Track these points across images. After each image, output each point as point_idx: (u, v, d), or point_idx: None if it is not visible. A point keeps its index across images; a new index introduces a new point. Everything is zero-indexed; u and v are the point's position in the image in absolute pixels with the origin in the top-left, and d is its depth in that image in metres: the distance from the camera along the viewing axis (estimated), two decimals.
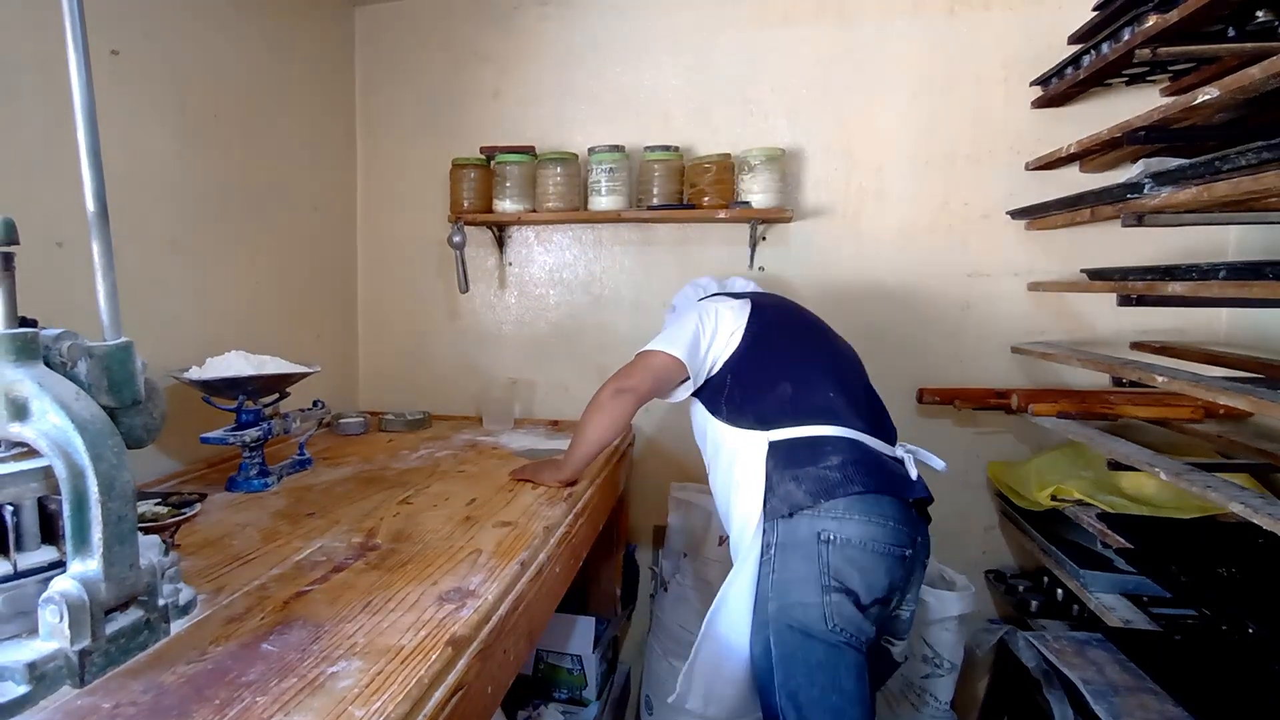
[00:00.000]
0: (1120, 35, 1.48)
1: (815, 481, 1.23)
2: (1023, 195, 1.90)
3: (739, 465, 1.33)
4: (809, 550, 1.20)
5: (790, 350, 1.47)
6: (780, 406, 1.36)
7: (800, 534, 1.21)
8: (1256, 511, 1.08)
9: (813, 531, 1.20)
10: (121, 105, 1.46)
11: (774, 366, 1.43)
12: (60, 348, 0.80)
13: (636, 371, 1.41)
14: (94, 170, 0.79)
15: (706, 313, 1.46)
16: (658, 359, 1.40)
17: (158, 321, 1.57)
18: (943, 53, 1.94)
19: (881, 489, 1.24)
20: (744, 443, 1.34)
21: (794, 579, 1.20)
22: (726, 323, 1.45)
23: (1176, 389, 1.30)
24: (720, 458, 1.40)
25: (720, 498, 1.43)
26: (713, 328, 1.44)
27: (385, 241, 2.38)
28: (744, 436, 1.35)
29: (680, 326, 1.44)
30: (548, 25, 2.19)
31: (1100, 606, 1.49)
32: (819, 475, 1.24)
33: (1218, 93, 1.15)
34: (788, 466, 1.27)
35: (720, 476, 1.41)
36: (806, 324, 1.54)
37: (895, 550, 1.22)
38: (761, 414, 1.36)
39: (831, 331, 1.55)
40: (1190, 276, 1.31)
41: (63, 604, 0.70)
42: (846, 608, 1.19)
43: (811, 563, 1.20)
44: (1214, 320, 1.87)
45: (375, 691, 0.74)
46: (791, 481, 1.25)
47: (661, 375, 1.41)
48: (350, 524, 1.27)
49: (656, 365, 1.40)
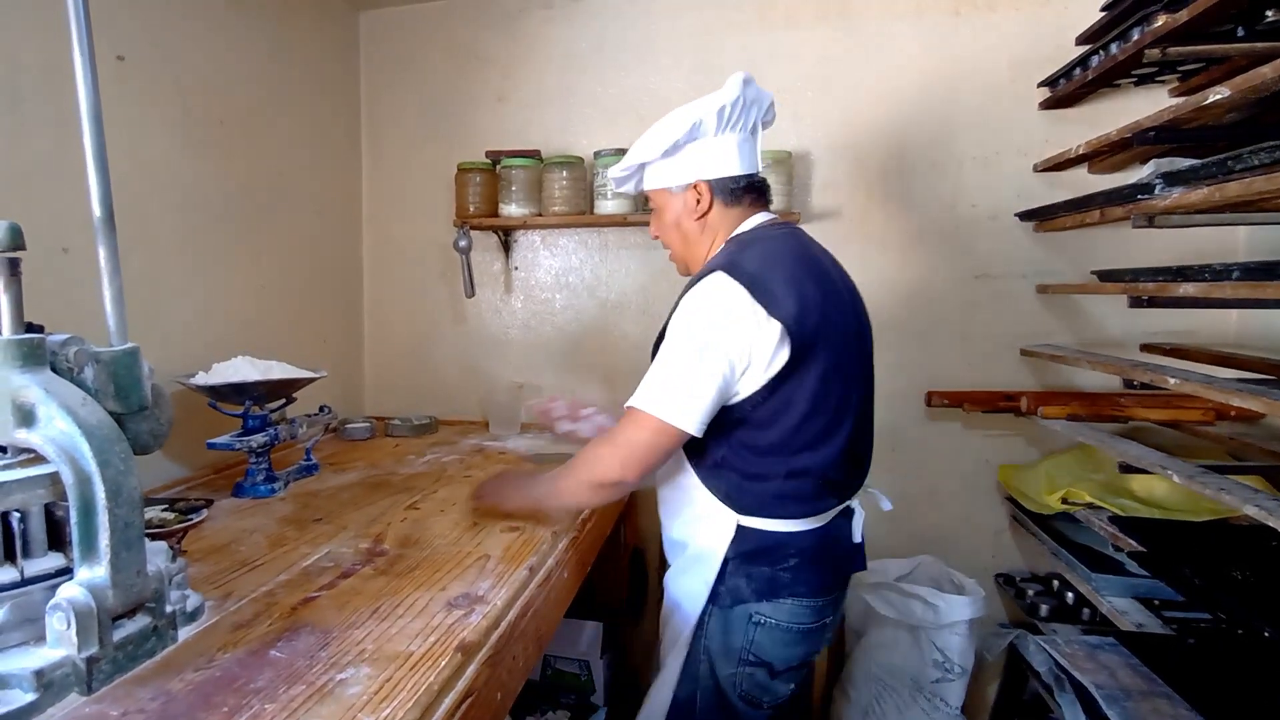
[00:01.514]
0: (1129, 35, 1.48)
1: (766, 582, 1.17)
2: (1031, 197, 1.89)
3: (699, 531, 1.20)
4: (739, 627, 1.18)
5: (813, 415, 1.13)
6: (765, 492, 1.16)
7: (734, 616, 1.18)
8: (1271, 514, 1.07)
9: (746, 614, 1.17)
10: (126, 110, 1.47)
11: (783, 428, 1.13)
12: (67, 353, 0.80)
13: (632, 459, 1.10)
14: (100, 175, 0.79)
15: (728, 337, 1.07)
16: (664, 433, 1.08)
17: (163, 327, 1.57)
18: (948, 54, 1.93)
19: (824, 589, 1.20)
20: (710, 511, 1.18)
21: (717, 649, 1.19)
22: (762, 357, 1.08)
23: (1188, 391, 1.29)
24: (681, 507, 1.24)
25: (668, 533, 1.29)
26: (731, 370, 1.08)
27: (390, 246, 2.38)
28: (712, 505, 1.18)
29: (699, 366, 1.07)
30: (552, 29, 2.19)
31: (1112, 610, 1.47)
32: (771, 576, 1.17)
33: (1229, 92, 1.14)
34: (745, 562, 1.17)
35: (675, 521, 1.26)
36: (851, 354, 1.21)
37: (819, 625, 1.21)
38: (737, 492, 1.16)
39: (868, 338, 1.32)
40: (1203, 277, 1.29)
41: (70, 611, 0.70)
42: (760, 676, 1.19)
43: (737, 637, 1.18)
44: (1223, 322, 1.85)
45: (384, 698, 0.73)
46: (743, 578, 1.17)
47: (660, 454, 1.11)
48: (357, 529, 1.26)
49: (663, 442, 1.09)
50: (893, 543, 2.05)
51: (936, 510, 2.05)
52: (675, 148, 1.19)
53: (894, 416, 2.05)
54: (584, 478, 1.15)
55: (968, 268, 1.98)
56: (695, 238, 1.25)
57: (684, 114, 1.18)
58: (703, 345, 1.07)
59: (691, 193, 1.22)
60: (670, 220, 1.26)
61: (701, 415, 1.07)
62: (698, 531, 1.20)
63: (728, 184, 1.22)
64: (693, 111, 1.17)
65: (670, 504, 1.27)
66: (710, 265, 1.14)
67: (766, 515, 1.16)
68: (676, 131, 1.17)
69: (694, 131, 1.17)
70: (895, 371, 2.04)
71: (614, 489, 1.14)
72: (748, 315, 1.07)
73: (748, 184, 1.23)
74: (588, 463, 1.14)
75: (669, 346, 1.11)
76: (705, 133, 1.18)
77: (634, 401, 1.11)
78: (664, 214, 1.27)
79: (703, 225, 1.24)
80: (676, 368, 1.08)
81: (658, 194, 1.27)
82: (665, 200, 1.26)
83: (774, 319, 1.07)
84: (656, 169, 1.24)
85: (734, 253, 1.16)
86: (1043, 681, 1.50)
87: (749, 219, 1.24)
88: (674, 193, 1.24)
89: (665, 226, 1.28)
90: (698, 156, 1.20)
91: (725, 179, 1.21)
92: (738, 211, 1.24)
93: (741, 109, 1.19)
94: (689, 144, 1.19)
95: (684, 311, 1.12)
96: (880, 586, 1.85)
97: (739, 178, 1.22)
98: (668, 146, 1.19)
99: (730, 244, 1.21)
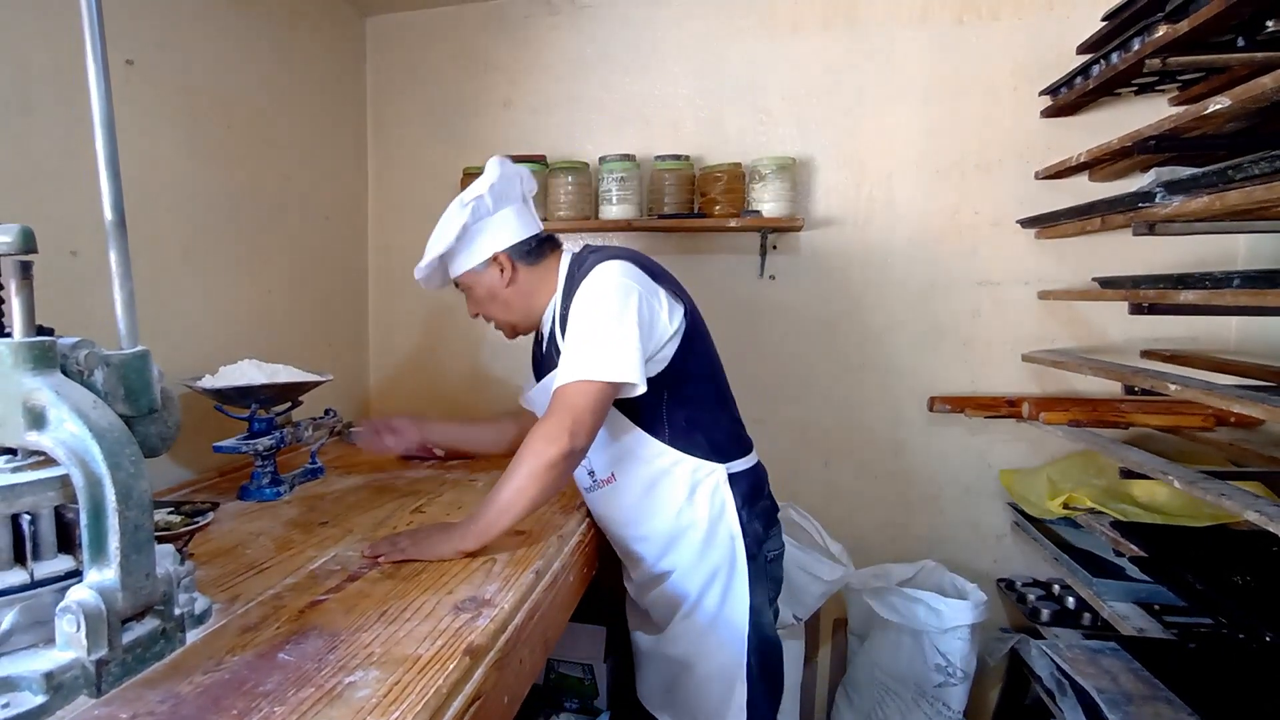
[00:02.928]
0: (1130, 45, 1.49)
1: (765, 515, 1.33)
2: (1033, 204, 1.90)
3: (698, 502, 1.27)
4: (762, 572, 1.31)
5: (712, 352, 1.38)
6: (731, 430, 1.34)
7: (758, 563, 1.30)
8: (1271, 520, 1.07)
9: (765, 556, 1.32)
10: (134, 114, 1.47)
11: (710, 377, 1.35)
12: (77, 356, 0.80)
13: (579, 424, 1.12)
14: (112, 180, 0.79)
15: (642, 301, 1.19)
16: (603, 394, 1.14)
17: (169, 330, 1.57)
18: (952, 62, 1.94)
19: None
20: (699, 478, 1.27)
21: (758, 604, 1.30)
22: (663, 317, 1.24)
23: (1189, 397, 1.29)
24: (666, 496, 1.28)
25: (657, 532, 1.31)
26: (651, 324, 1.21)
27: (396, 250, 2.39)
28: (699, 470, 1.27)
29: (619, 327, 1.16)
30: (558, 35, 2.20)
31: (1113, 615, 1.48)
32: (764, 508, 1.34)
33: (1229, 102, 1.15)
34: (749, 504, 1.30)
35: (664, 516, 1.29)
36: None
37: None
38: (714, 440, 1.29)
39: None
40: (1204, 285, 1.30)
41: (80, 613, 0.70)
42: (778, 610, 1.39)
43: (763, 583, 1.32)
44: (1224, 329, 1.86)
45: (393, 701, 0.74)
46: (756, 520, 1.30)
47: (604, 409, 1.17)
48: (363, 533, 1.26)
49: (603, 402, 1.15)
50: (895, 547, 2.06)
51: (939, 515, 2.05)
52: (465, 231, 1.30)
53: (896, 421, 2.05)
54: (534, 464, 1.11)
55: (970, 274, 1.99)
56: (517, 300, 1.37)
57: (461, 202, 1.30)
58: (620, 309, 1.17)
59: (494, 266, 1.33)
60: (484, 295, 1.37)
61: (636, 365, 1.14)
62: (696, 504, 1.28)
63: (522, 248, 1.34)
64: (468, 197, 1.29)
65: (650, 504, 1.31)
66: (586, 268, 1.25)
67: (739, 455, 1.32)
68: (462, 217, 1.29)
69: (476, 213, 1.29)
70: (898, 376, 2.05)
71: (567, 462, 1.12)
72: (646, 281, 1.23)
73: (538, 241, 1.36)
74: (532, 450, 1.12)
75: (586, 322, 1.18)
76: (486, 212, 1.31)
77: (570, 375, 1.14)
78: (476, 291, 1.38)
79: (517, 289, 1.35)
80: (601, 333, 1.16)
81: (466, 277, 1.37)
82: (474, 280, 1.36)
83: (660, 287, 1.26)
84: (456, 258, 1.35)
85: (598, 256, 1.27)
86: (1044, 686, 1.50)
87: (564, 257, 1.38)
88: (478, 271, 1.34)
89: (482, 302, 1.39)
90: (488, 235, 1.32)
91: (518, 245, 1.34)
92: (546, 263, 1.37)
93: (506, 184, 1.32)
94: (475, 225, 1.31)
95: (589, 292, 1.20)
96: (883, 591, 1.85)
97: (529, 241, 1.35)
98: (459, 233, 1.30)
99: (580, 261, 1.32)
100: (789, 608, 1.80)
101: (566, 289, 1.31)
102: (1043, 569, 1.94)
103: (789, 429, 2.10)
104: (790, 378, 2.10)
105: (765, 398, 2.09)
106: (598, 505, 1.39)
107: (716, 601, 1.29)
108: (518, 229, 1.34)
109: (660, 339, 1.24)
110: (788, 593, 1.78)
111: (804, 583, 1.76)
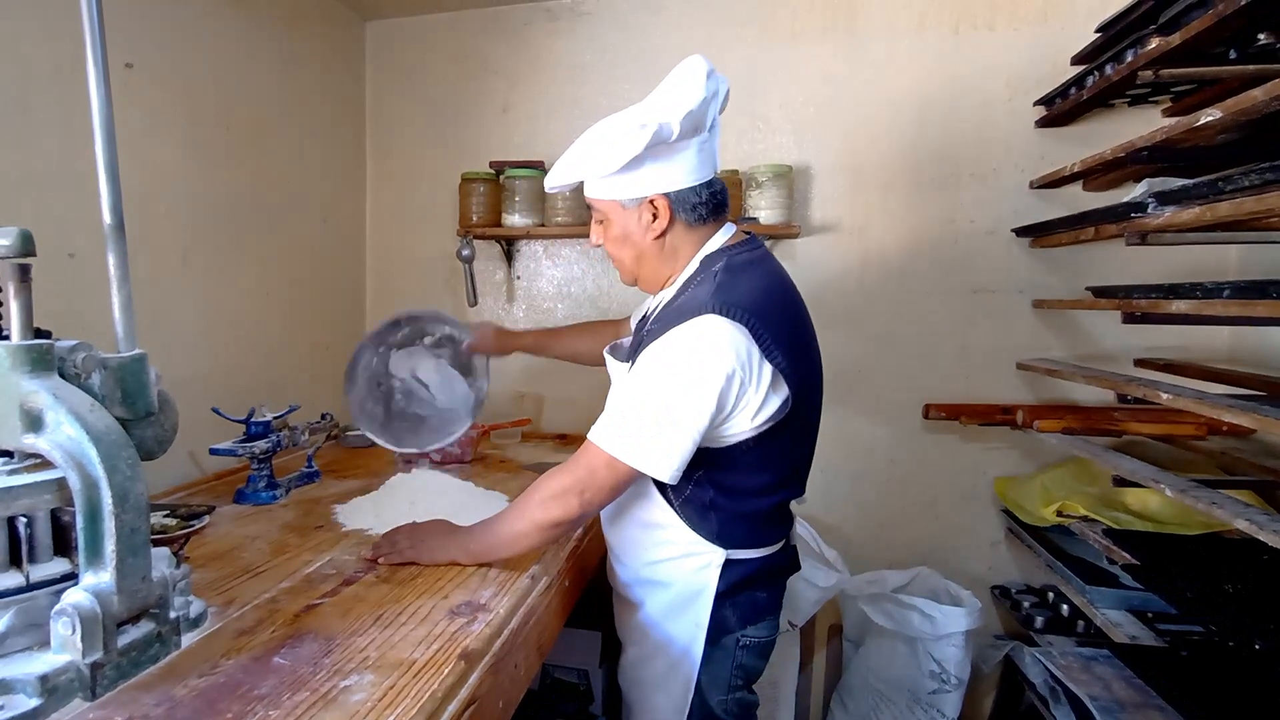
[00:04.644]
0: (1123, 57, 1.50)
1: (750, 608, 1.15)
2: (1027, 213, 1.91)
3: (684, 569, 1.13)
4: (727, 655, 1.16)
5: (797, 444, 1.15)
6: (755, 524, 1.13)
7: (722, 646, 1.15)
8: (1261, 528, 1.08)
9: (734, 641, 1.15)
10: (134, 118, 1.48)
11: (773, 468, 1.11)
12: (75, 359, 0.81)
13: (593, 495, 1.02)
14: (111, 183, 0.80)
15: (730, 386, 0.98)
16: (628, 476, 1.01)
17: (169, 332, 1.58)
18: (948, 71, 1.96)
19: (782, 597, 1.22)
20: (696, 550, 1.12)
21: (708, 682, 1.16)
22: (747, 408, 1.02)
23: (1181, 406, 1.30)
24: (655, 546, 1.16)
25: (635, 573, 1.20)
26: (726, 412, 1.01)
27: (394, 254, 2.40)
28: (699, 544, 1.11)
29: (682, 412, 0.98)
30: (558, 40, 2.21)
31: (1106, 622, 1.48)
32: (753, 600, 1.16)
33: (1220, 114, 1.16)
34: (733, 593, 1.13)
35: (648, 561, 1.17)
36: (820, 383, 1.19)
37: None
38: (727, 531, 1.11)
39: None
40: (1194, 295, 1.31)
41: (75, 616, 0.70)
42: (745, 695, 1.20)
43: (726, 665, 1.16)
44: (1216, 338, 1.88)
45: (388, 705, 0.74)
46: (730, 609, 1.13)
47: (624, 488, 1.05)
48: (359, 537, 1.26)
49: (624, 483, 1.03)
50: (890, 554, 2.06)
51: (934, 522, 2.06)
52: (634, 163, 1.02)
53: (892, 428, 2.06)
54: (539, 518, 1.04)
55: (965, 282, 2.00)
56: (652, 256, 1.13)
57: (642, 122, 1.00)
58: (692, 393, 0.97)
59: (647, 208, 1.08)
60: (618, 234, 1.12)
61: (678, 464, 0.99)
62: (682, 569, 1.13)
63: (689, 198, 1.08)
64: (652, 117, 1.00)
65: (642, 543, 1.18)
66: (699, 300, 1.02)
67: (753, 546, 1.13)
68: (636, 142, 0.99)
69: (655, 138, 0.99)
70: (893, 384, 2.05)
71: (571, 526, 1.07)
72: (753, 364, 0.99)
73: (710, 197, 1.10)
74: (542, 504, 1.04)
75: (650, 382, 1.01)
76: (665, 138, 1.01)
77: (605, 441, 1.01)
78: (610, 226, 1.13)
79: (660, 245, 1.11)
80: (659, 413, 0.98)
81: (604, 205, 1.12)
82: (614, 213, 1.11)
83: (768, 363, 1.00)
84: (602, 181, 1.08)
85: (722, 284, 1.04)
86: (1038, 693, 1.51)
87: (715, 235, 1.13)
88: (626, 207, 1.09)
89: (612, 239, 1.14)
90: (654, 168, 1.04)
91: (687, 191, 1.07)
92: (703, 231, 1.12)
93: (705, 107, 1.03)
94: (646, 154, 1.01)
95: (671, 347, 1.00)
96: (878, 598, 1.85)
97: (700, 189, 1.08)
98: (625, 163, 1.02)
99: (709, 269, 1.09)
100: (784, 614, 1.80)
101: (679, 292, 1.10)
102: (1037, 576, 1.95)
103: None
104: None
105: None
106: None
107: (665, 667, 1.17)
108: (695, 170, 1.06)
109: (730, 430, 1.04)
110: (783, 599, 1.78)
111: (799, 589, 1.77)
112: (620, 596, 1.27)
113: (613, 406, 1.04)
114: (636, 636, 1.21)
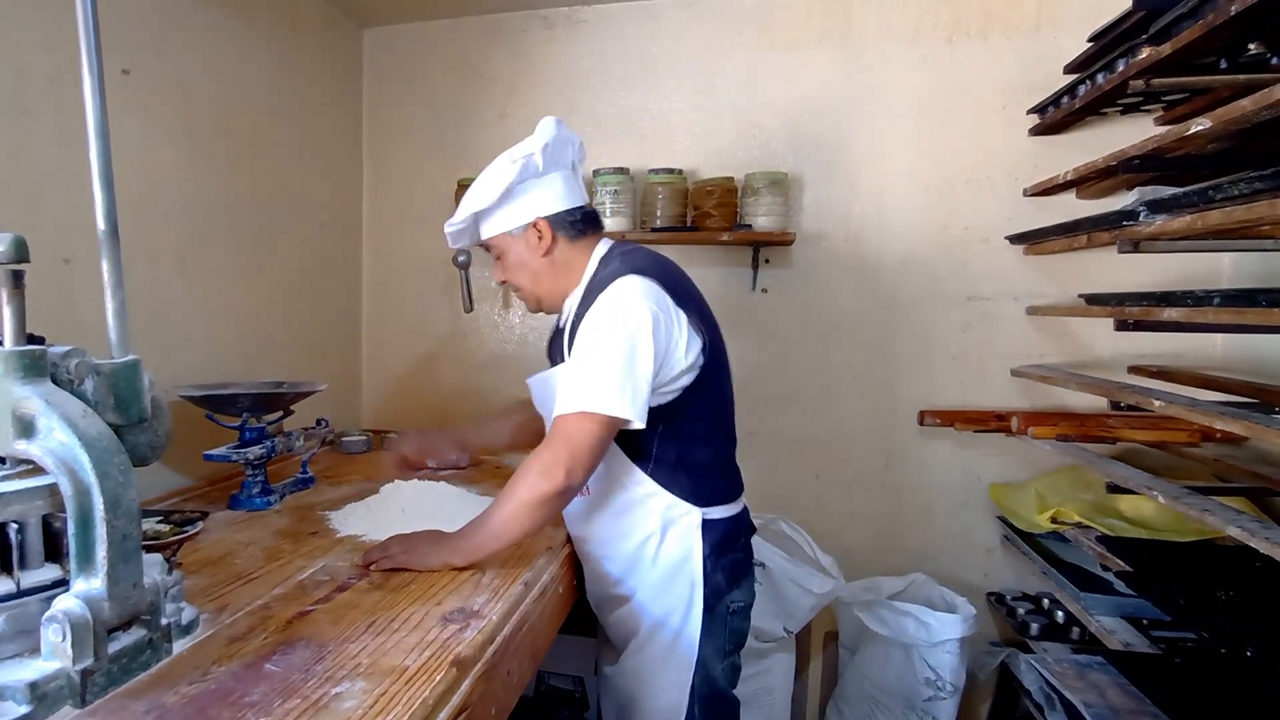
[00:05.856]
0: (1115, 66, 1.51)
1: (734, 568, 1.26)
2: (1021, 220, 1.92)
3: (668, 540, 1.22)
4: (721, 622, 1.25)
5: (725, 388, 1.29)
6: (717, 477, 1.26)
7: (718, 615, 1.24)
8: (1254, 535, 1.09)
9: (726, 607, 1.25)
10: (132, 124, 1.48)
11: (715, 414, 1.26)
12: (68, 365, 0.81)
13: (577, 461, 1.08)
14: (105, 189, 0.80)
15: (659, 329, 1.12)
16: (604, 429, 1.09)
17: (162, 338, 1.57)
18: (942, 80, 1.97)
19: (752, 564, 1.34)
20: (673, 516, 1.21)
21: (709, 653, 1.24)
22: (679, 349, 1.17)
23: (1174, 413, 1.31)
24: (636, 525, 1.23)
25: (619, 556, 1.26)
26: (665, 355, 1.14)
27: (391, 260, 2.40)
28: (674, 509, 1.21)
29: (629, 357, 1.09)
30: (555, 47, 2.22)
31: (1101, 629, 1.49)
32: (735, 561, 1.26)
33: (1211, 123, 1.17)
34: (718, 555, 1.22)
35: (630, 542, 1.24)
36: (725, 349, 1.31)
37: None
38: (698, 483, 1.22)
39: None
40: (1185, 303, 1.32)
41: (65, 623, 0.70)
42: (737, 660, 1.30)
43: (721, 632, 1.25)
44: (1209, 345, 1.89)
45: (380, 712, 0.74)
46: (721, 573, 1.23)
47: (603, 451, 1.13)
48: (353, 543, 1.26)
49: (604, 439, 1.11)
50: (886, 560, 2.06)
51: (929, 528, 2.06)
52: (509, 190, 1.22)
53: (887, 435, 2.07)
54: (527, 498, 1.09)
55: (960, 289, 2.01)
56: (547, 274, 1.28)
57: (510, 158, 1.21)
58: (634, 338, 1.10)
59: (532, 231, 1.25)
60: (515, 263, 1.29)
61: (643, 404, 1.10)
62: (666, 541, 1.22)
63: (565, 218, 1.26)
64: (518, 153, 1.20)
65: (624, 529, 1.24)
66: (611, 272, 1.19)
67: (721, 502, 1.25)
68: (508, 175, 1.20)
69: (524, 172, 1.20)
70: (888, 390, 2.06)
71: (561, 499, 1.10)
72: (670, 308, 1.16)
73: (583, 216, 1.28)
74: (527, 483, 1.09)
75: (596, 345, 1.12)
76: (534, 172, 1.22)
77: (572, 404, 1.09)
78: (506, 256, 1.30)
79: (551, 261, 1.27)
80: (611, 363, 1.09)
81: (498, 240, 1.29)
82: (506, 244, 1.28)
83: (681, 311, 1.17)
84: (492, 217, 1.27)
85: (625, 262, 1.20)
86: (1033, 700, 1.51)
87: (599, 245, 1.30)
88: (514, 235, 1.26)
89: (511, 269, 1.30)
90: (531, 197, 1.24)
91: (562, 213, 1.25)
92: (585, 243, 1.29)
93: (560, 147, 1.24)
94: (520, 186, 1.22)
95: (605, 308, 1.14)
96: (873, 604, 1.85)
97: (574, 211, 1.27)
98: (502, 191, 1.21)
99: (608, 261, 1.26)
100: (780, 620, 1.80)
101: (589, 286, 1.24)
102: (1032, 583, 1.95)
103: (780, 442, 2.11)
104: (781, 391, 2.11)
105: (757, 410, 2.10)
106: (568, 513, 1.33)
107: (666, 643, 1.23)
108: (564, 196, 1.25)
109: (672, 372, 1.16)
110: (779, 605, 1.78)
111: (795, 595, 1.77)
112: (610, 600, 1.30)
113: (568, 377, 1.14)
114: (633, 626, 1.26)
